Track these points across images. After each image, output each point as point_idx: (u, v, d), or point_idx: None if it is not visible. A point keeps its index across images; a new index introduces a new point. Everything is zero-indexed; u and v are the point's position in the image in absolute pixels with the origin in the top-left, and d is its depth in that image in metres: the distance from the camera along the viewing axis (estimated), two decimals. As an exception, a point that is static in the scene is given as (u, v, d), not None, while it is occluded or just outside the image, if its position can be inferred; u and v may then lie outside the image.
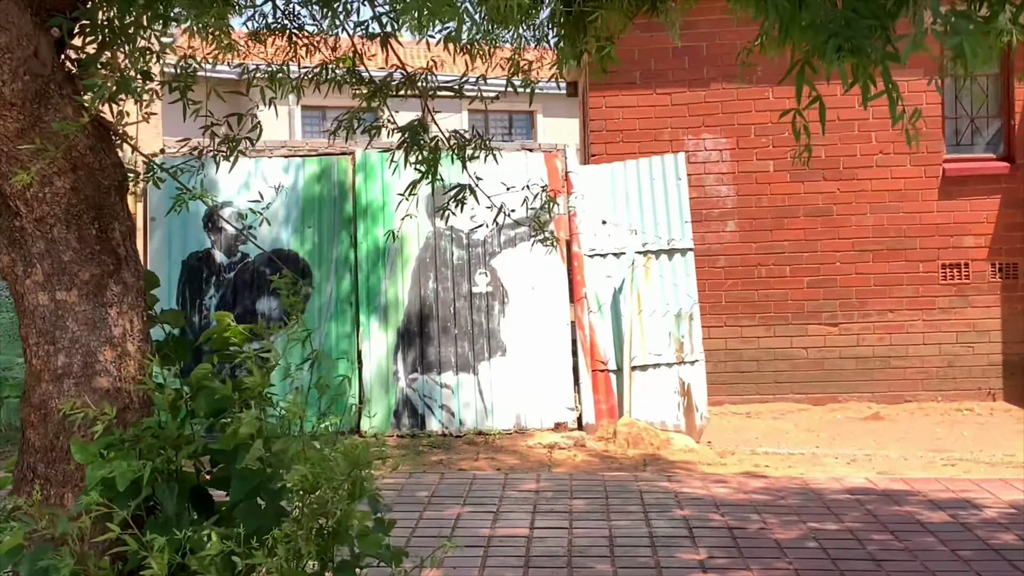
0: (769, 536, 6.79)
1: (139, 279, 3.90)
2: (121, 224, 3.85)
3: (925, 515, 7.24)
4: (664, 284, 10.02)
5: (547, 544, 6.65)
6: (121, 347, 3.79)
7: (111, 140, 3.87)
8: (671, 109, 11.92)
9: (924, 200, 11.78)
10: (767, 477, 8.44)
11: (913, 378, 11.83)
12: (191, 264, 9.80)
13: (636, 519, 7.17)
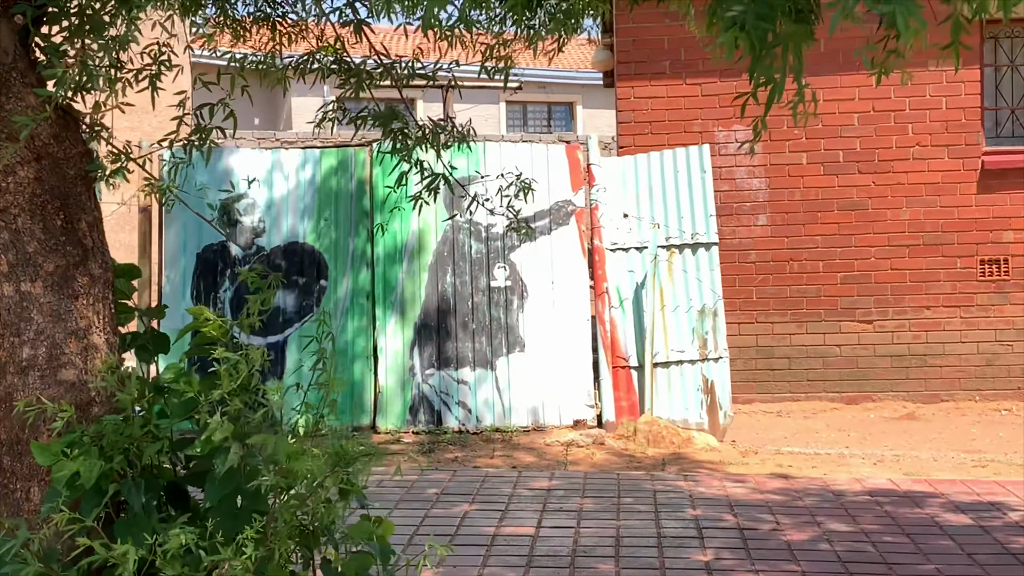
0: (780, 537, 6.66)
1: (107, 270, 3.84)
2: (87, 215, 3.79)
3: (945, 518, 7.08)
4: (688, 279, 9.90)
5: (551, 543, 6.56)
6: (87, 339, 3.74)
7: (78, 130, 3.82)
8: (702, 100, 11.79)
9: (962, 194, 11.58)
10: (787, 477, 8.30)
11: (950, 377, 11.63)
12: (206, 257, 9.79)
13: (646, 519, 7.07)
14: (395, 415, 9.64)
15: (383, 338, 9.79)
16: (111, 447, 3.64)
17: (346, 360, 9.67)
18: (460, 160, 9.99)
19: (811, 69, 10.32)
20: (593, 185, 10.08)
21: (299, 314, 9.75)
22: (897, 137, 11.60)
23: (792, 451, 9.51)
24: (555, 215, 10.02)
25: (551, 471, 8.45)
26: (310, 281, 9.80)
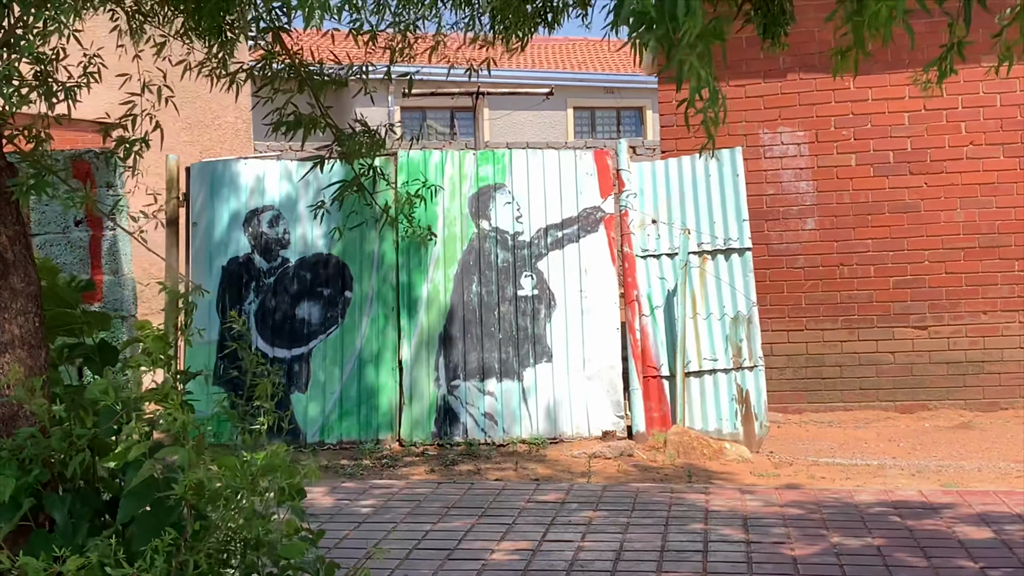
0: (785, 552, 6.60)
1: (31, 284, 3.93)
2: (8, 228, 3.90)
3: (965, 531, 6.95)
4: (720, 286, 9.85)
5: (550, 558, 6.56)
6: (9, 353, 3.84)
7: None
8: (745, 101, 11.73)
9: (1019, 194, 11.39)
10: (810, 490, 8.21)
11: (1009, 384, 11.43)
12: (231, 270, 9.95)
13: (654, 532, 7.04)
14: (420, 426, 9.70)
15: (408, 348, 9.85)
16: (30, 460, 3.74)
17: (372, 371, 9.77)
18: (486, 168, 10.10)
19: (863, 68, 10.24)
20: (623, 191, 10.07)
21: (324, 325, 9.86)
22: (950, 136, 11.44)
23: (829, 462, 9.41)
24: (584, 222, 10.03)
25: (569, 484, 8.45)
26: (335, 292, 9.91)
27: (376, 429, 9.69)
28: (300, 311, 9.89)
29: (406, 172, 10.06)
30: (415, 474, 8.90)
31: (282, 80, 4.76)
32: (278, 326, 9.85)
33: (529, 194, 10.08)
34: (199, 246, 10.02)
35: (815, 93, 11.60)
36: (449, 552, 6.73)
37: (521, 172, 10.10)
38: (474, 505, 7.82)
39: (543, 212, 10.06)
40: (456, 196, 10.07)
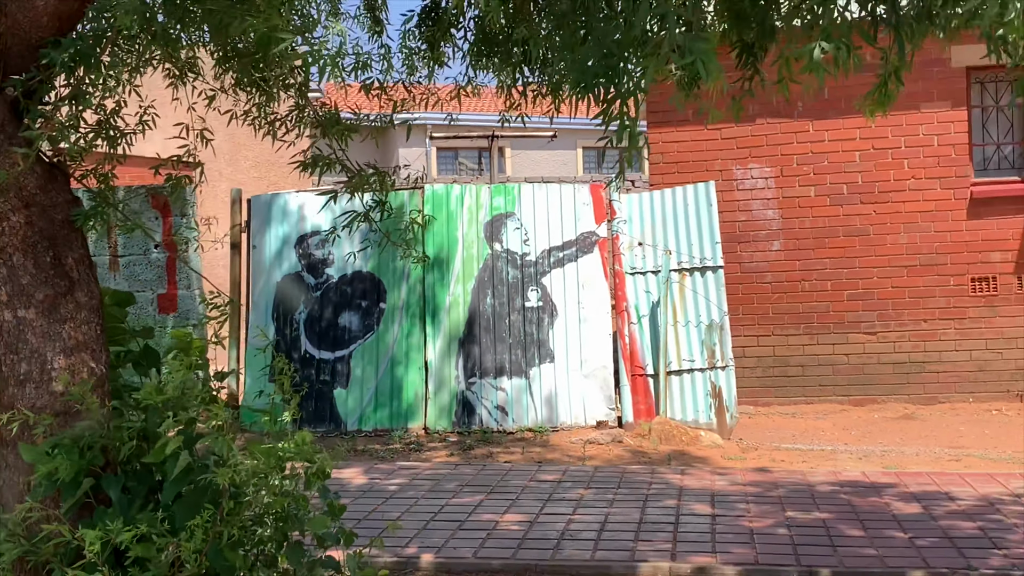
0: (744, 524, 6.57)
1: (92, 298, 3.93)
2: (74, 252, 3.90)
3: (899, 506, 6.91)
4: (697, 298, 9.81)
5: (544, 528, 6.55)
6: (75, 356, 3.85)
7: (66, 181, 3.93)
8: (721, 143, 11.70)
9: (954, 220, 11.30)
10: (771, 471, 8.15)
11: (946, 381, 11.33)
12: (284, 286, 9.97)
13: (634, 507, 7.02)
14: (442, 417, 9.70)
15: (432, 351, 9.84)
16: (88, 447, 3.75)
17: (402, 370, 9.77)
18: (498, 199, 10.11)
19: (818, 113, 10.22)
20: (614, 218, 10.05)
21: (362, 332, 9.87)
22: (894, 171, 11.37)
23: (790, 448, 9.36)
24: (581, 244, 10.01)
25: (566, 466, 8.42)
26: (371, 304, 9.92)
27: (405, 419, 9.69)
28: (342, 319, 9.90)
29: (431, 203, 10.07)
30: (437, 457, 8.90)
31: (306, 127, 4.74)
32: (323, 332, 9.87)
33: (535, 221, 10.06)
34: (257, 265, 10.04)
35: (780, 135, 11.56)
36: (460, 523, 6.73)
37: (528, 202, 10.10)
38: (484, 483, 7.80)
39: (547, 236, 10.05)
40: (473, 223, 10.07)
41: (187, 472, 3.71)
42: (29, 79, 3.72)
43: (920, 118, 11.26)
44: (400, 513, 6.96)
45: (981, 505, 6.85)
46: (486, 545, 6.22)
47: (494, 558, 5.94)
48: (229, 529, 3.75)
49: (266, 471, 3.87)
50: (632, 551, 6.04)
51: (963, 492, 7.23)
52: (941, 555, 5.81)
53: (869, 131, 11.33)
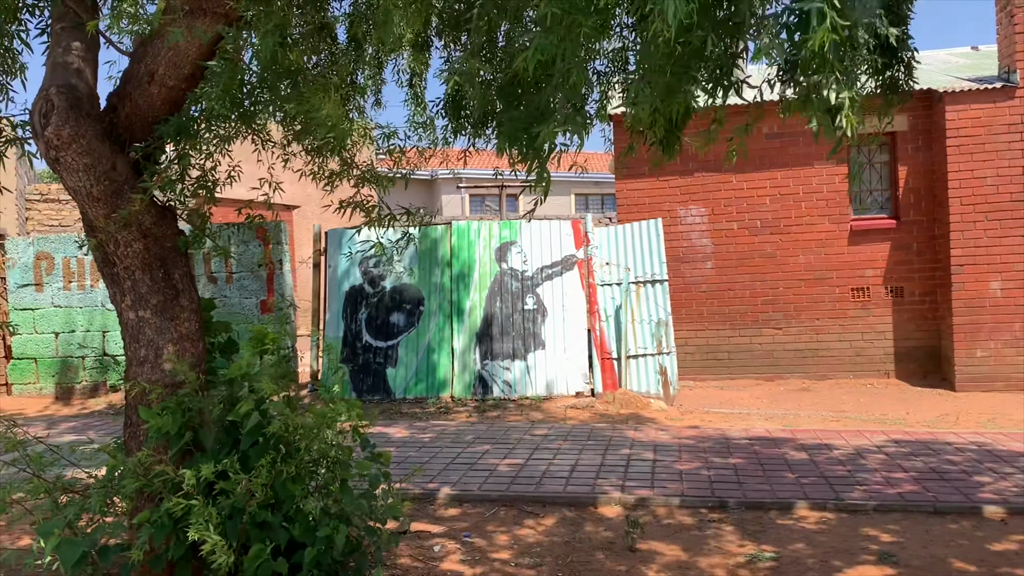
0: (676, 466, 6.51)
1: (193, 302, 3.94)
2: (179, 269, 3.91)
3: (791, 454, 6.82)
4: (648, 303, 9.74)
5: (530, 470, 6.51)
6: (179, 344, 3.86)
7: (174, 218, 3.95)
8: (669, 190, 11.61)
9: (838, 246, 11.17)
10: (701, 428, 8.08)
11: (833, 364, 11.19)
12: (351, 294, 9.97)
13: (598, 455, 6.97)
14: (463, 388, 9.66)
15: (458, 342, 9.80)
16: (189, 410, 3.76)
17: (435, 355, 9.75)
18: (505, 232, 10.06)
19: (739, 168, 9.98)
20: (589, 245, 10.00)
21: (407, 327, 9.85)
22: (794, 211, 11.25)
23: (716, 411, 9.26)
24: (565, 264, 9.96)
25: (552, 424, 8.37)
26: (413, 307, 9.91)
27: (437, 390, 9.66)
28: (392, 318, 9.89)
29: (456, 235, 10.06)
30: (459, 418, 8.87)
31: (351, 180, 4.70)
32: (379, 327, 9.86)
33: (532, 247, 10.03)
34: (331, 280, 10.05)
35: (712, 184, 11.47)
36: (471, 465, 6.70)
37: (527, 234, 10.07)
38: (492, 437, 7.77)
39: (540, 258, 10.01)
40: (487, 249, 10.04)
41: (258, 427, 3.72)
42: (146, 146, 3.75)
43: (813, 172, 11.17)
44: (429, 458, 6.94)
45: (851, 454, 6.77)
46: (488, 481, 6.20)
47: (493, 491, 5.92)
48: (288, 468, 3.75)
49: (317, 426, 3.87)
50: (593, 486, 6.00)
51: (839, 444, 7.14)
52: (818, 490, 5.75)
53: (776, 182, 11.27)
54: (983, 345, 10.17)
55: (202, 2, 3.49)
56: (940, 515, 5.25)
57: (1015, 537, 4.82)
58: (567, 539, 4.98)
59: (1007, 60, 10.30)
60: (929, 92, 10.70)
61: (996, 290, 10.15)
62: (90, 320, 10.46)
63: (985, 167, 10.16)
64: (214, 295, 9.80)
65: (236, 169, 4.21)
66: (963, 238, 10.23)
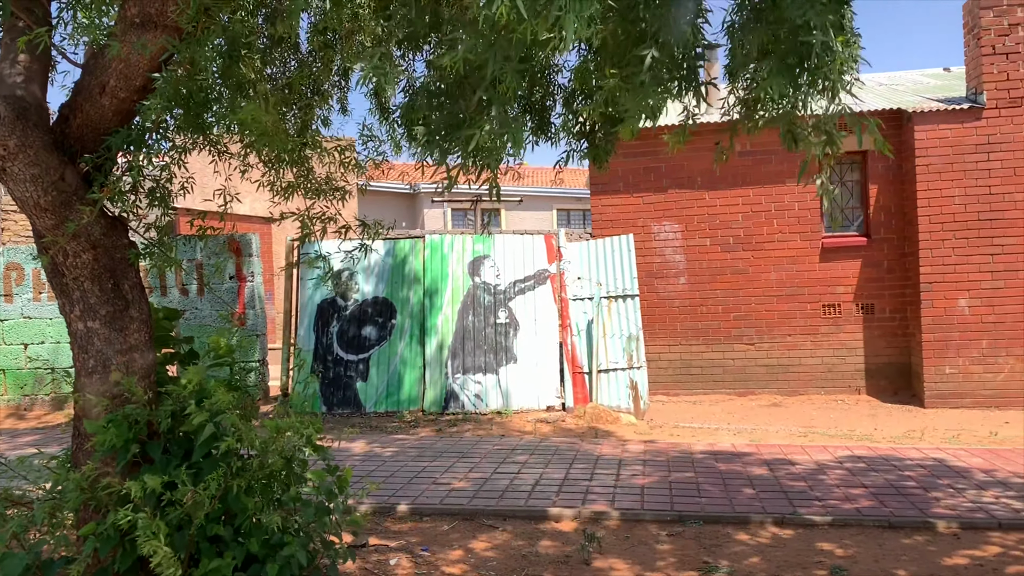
0: (637, 481, 6.51)
1: (143, 313, 3.90)
2: (129, 280, 3.87)
3: (752, 469, 6.84)
4: (620, 317, 9.77)
5: (493, 484, 6.50)
6: (128, 355, 3.83)
7: (124, 230, 3.93)
8: (643, 206, 11.68)
9: (809, 263, 11.26)
10: (665, 443, 8.09)
11: (804, 380, 11.26)
12: (323, 306, 9.94)
13: (562, 469, 6.96)
14: (433, 402, 9.62)
15: (429, 355, 9.77)
16: (136, 422, 3.74)
17: (406, 368, 9.73)
18: (479, 246, 10.08)
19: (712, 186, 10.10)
20: (562, 260, 10.04)
21: (378, 340, 9.83)
22: (767, 228, 11.34)
23: (686, 426, 9.28)
24: (538, 278, 9.99)
25: (519, 438, 8.36)
26: (385, 320, 9.89)
27: (408, 404, 9.62)
28: (364, 331, 9.86)
29: (430, 248, 10.07)
30: (428, 431, 8.83)
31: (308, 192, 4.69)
32: (350, 340, 9.83)
33: (505, 261, 10.05)
34: (304, 292, 10.02)
35: (685, 201, 11.54)
36: (434, 479, 6.68)
37: (500, 248, 10.09)
38: (456, 451, 7.75)
39: (513, 272, 10.03)
40: (461, 262, 10.05)
41: (211, 439, 3.70)
42: (96, 157, 3.74)
43: (785, 190, 11.27)
44: (392, 472, 6.92)
45: (813, 469, 6.80)
46: (450, 495, 6.18)
47: (454, 505, 5.90)
48: (240, 481, 3.73)
49: (272, 439, 3.86)
50: (554, 500, 6.00)
51: (802, 459, 7.17)
52: (776, 505, 5.77)
53: (748, 199, 11.37)
54: (951, 362, 10.26)
55: (152, 15, 3.50)
56: (894, 530, 5.28)
57: (965, 552, 4.85)
58: (523, 553, 4.98)
59: (974, 81, 10.45)
60: (899, 112, 10.83)
61: (964, 307, 10.25)
62: (59, 332, 10.39)
63: (953, 186, 10.28)
64: (186, 307, 9.76)
65: (190, 181, 4.22)
66: (932, 256, 10.33)
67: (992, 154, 10.16)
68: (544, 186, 26.46)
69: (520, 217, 25.56)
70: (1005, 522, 5.27)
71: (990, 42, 10.06)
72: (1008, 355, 10.13)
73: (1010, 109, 10.08)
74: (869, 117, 3.73)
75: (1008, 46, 10.03)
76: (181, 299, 9.84)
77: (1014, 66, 10.03)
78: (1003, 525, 5.25)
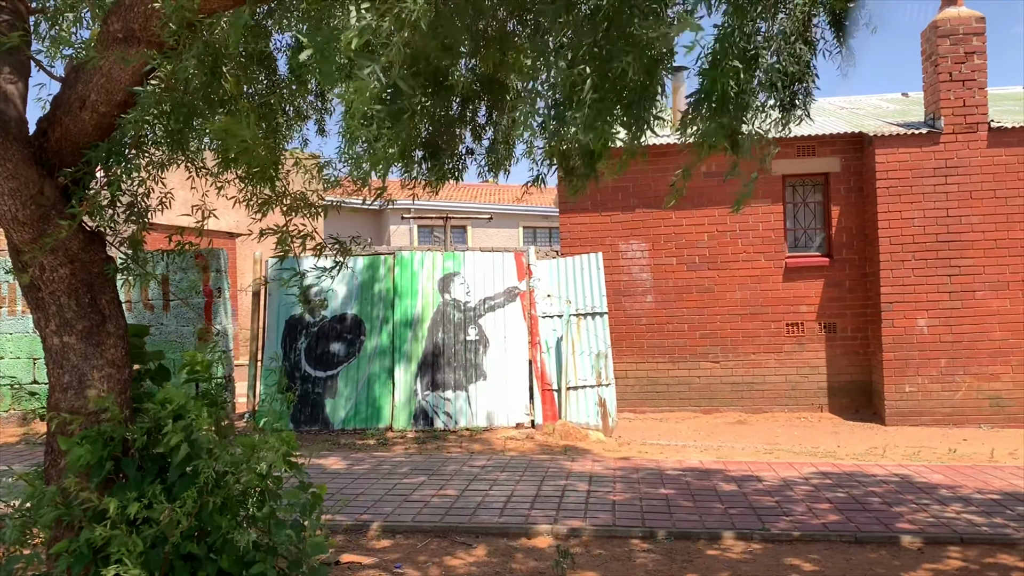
0: (609, 497, 6.56)
1: (119, 328, 3.87)
2: (106, 295, 3.85)
3: (721, 485, 6.93)
4: (589, 335, 9.85)
5: (466, 501, 6.51)
6: (105, 371, 3.80)
7: (102, 244, 3.90)
8: (611, 225, 11.81)
9: (774, 282, 11.46)
10: (635, 459, 8.16)
11: (768, 397, 11.42)
12: (290, 323, 9.88)
13: (533, 485, 6.99)
14: (404, 420, 9.58)
15: (399, 372, 9.74)
16: (111, 439, 3.70)
17: (375, 386, 9.69)
18: (449, 263, 10.11)
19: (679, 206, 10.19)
20: (532, 277, 10.10)
21: (347, 357, 9.79)
22: (731, 247, 11.53)
23: (654, 443, 9.36)
24: (508, 295, 10.03)
25: (490, 455, 8.37)
26: (353, 337, 9.85)
27: (377, 421, 9.56)
28: (332, 348, 9.81)
29: (400, 265, 10.08)
30: (398, 449, 8.80)
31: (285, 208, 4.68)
32: (319, 357, 9.78)
33: (475, 278, 10.08)
34: (271, 308, 9.96)
35: (652, 221, 11.70)
36: (406, 496, 6.66)
37: (471, 265, 10.13)
38: (429, 468, 7.74)
39: (483, 289, 10.07)
40: (431, 279, 10.07)
41: (187, 459, 3.68)
42: (75, 171, 3.72)
43: (750, 211, 11.47)
44: (363, 490, 6.89)
45: (780, 485, 6.91)
46: (423, 512, 6.18)
47: (427, 522, 5.90)
48: (215, 499, 3.71)
49: (247, 457, 3.85)
50: (527, 516, 6.02)
51: (768, 475, 7.28)
52: (746, 520, 5.86)
53: (714, 219, 11.56)
54: (911, 380, 10.49)
55: (135, 30, 3.50)
56: (860, 544, 5.38)
57: (929, 566, 4.97)
58: (497, 569, 4.99)
59: (932, 107, 10.76)
60: (860, 135, 11.11)
61: (923, 327, 10.50)
62: (19, 347, 10.20)
63: (912, 208, 10.55)
64: (151, 322, 9.64)
65: (168, 197, 4.21)
66: (892, 276, 10.58)
67: (949, 177, 10.45)
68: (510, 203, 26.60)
69: (488, 234, 25.63)
70: (967, 537, 5.41)
71: (947, 69, 10.39)
72: (965, 374, 10.39)
73: (966, 134, 10.40)
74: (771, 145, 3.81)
75: (964, 73, 10.35)
76: (146, 315, 9.72)
77: (970, 93, 10.36)
78: (964, 540, 5.38)
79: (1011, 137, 10.33)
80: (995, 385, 10.34)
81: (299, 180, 4.88)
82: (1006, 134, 10.34)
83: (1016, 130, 10.31)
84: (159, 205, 4.08)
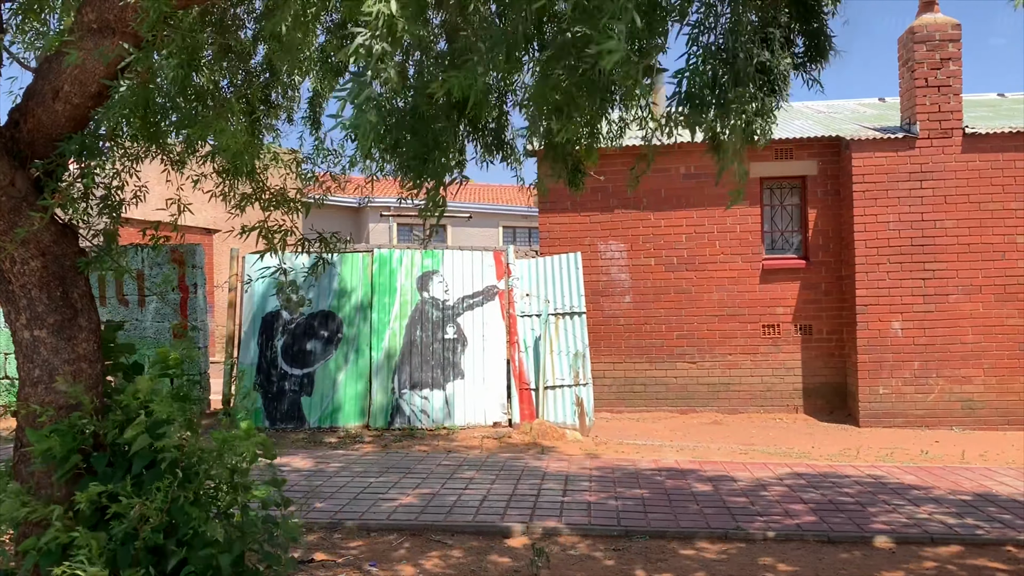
0: (585, 497, 6.56)
1: (91, 322, 3.83)
2: (78, 288, 3.80)
3: (696, 485, 6.95)
4: (567, 335, 9.85)
5: (441, 500, 6.48)
6: (76, 365, 3.75)
7: (74, 237, 3.85)
8: (590, 225, 11.83)
9: (751, 284, 11.52)
10: (612, 459, 8.16)
11: (744, 398, 11.48)
12: (267, 320, 9.80)
13: (509, 485, 6.97)
14: (381, 418, 9.54)
15: (375, 370, 9.68)
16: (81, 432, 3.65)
17: (351, 383, 9.62)
18: (428, 261, 10.07)
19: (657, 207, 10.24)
20: (510, 276, 10.09)
21: (324, 354, 9.72)
22: (709, 249, 11.58)
23: (630, 443, 9.37)
24: (486, 294, 10.02)
25: (466, 454, 8.35)
26: (331, 334, 9.79)
27: (354, 419, 9.52)
28: (309, 345, 9.75)
29: (379, 262, 10.03)
30: (374, 447, 8.76)
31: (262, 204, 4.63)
32: (295, 355, 9.71)
33: (454, 276, 10.06)
34: (247, 305, 9.88)
35: (631, 221, 11.72)
36: (381, 495, 6.63)
37: (449, 263, 10.10)
38: (403, 467, 7.70)
39: (462, 287, 10.04)
40: (409, 277, 10.03)
41: (147, 451, 3.64)
42: (48, 163, 3.66)
43: (727, 212, 11.52)
44: (338, 488, 6.85)
45: (754, 485, 6.94)
46: (398, 511, 6.15)
47: (402, 520, 5.87)
48: (186, 492, 3.68)
49: (218, 451, 3.81)
50: (502, 516, 6.01)
51: (743, 476, 7.32)
52: (720, 520, 5.88)
53: (692, 220, 11.61)
54: (885, 382, 10.59)
55: (110, 21, 3.45)
56: (834, 545, 5.42)
57: (902, 566, 5.01)
58: (472, 568, 4.97)
59: (908, 112, 10.86)
60: (837, 139, 11.20)
61: (897, 330, 10.60)
62: (-9, 341, 10.05)
63: (888, 212, 10.65)
64: (125, 318, 9.53)
65: (143, 190, 4.15)
66: (867, 279, 10.67)
67: (924, 182, 10.56)
68: (490, 203, 26.58)
69: (467, 233, 25.60)
70: (938, 537, 5.46)
71: (923, 75, 10.49)
72: (938, 376, 10.50)
73: (941, 139, 10.50)
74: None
75: (940, 79, 10.46)
76: (120, 309, 9.61)
77: (945, 98, 10.47)
78: (936, 540, 5.43)
79: (985, 143, 10.45)
80: (967, 388, 10.46)
81: (277, 176, 4.84)
82: (980, 140, 10.46)
83: (990, 136, 10.43)
84: (134, 198, 4.02)
